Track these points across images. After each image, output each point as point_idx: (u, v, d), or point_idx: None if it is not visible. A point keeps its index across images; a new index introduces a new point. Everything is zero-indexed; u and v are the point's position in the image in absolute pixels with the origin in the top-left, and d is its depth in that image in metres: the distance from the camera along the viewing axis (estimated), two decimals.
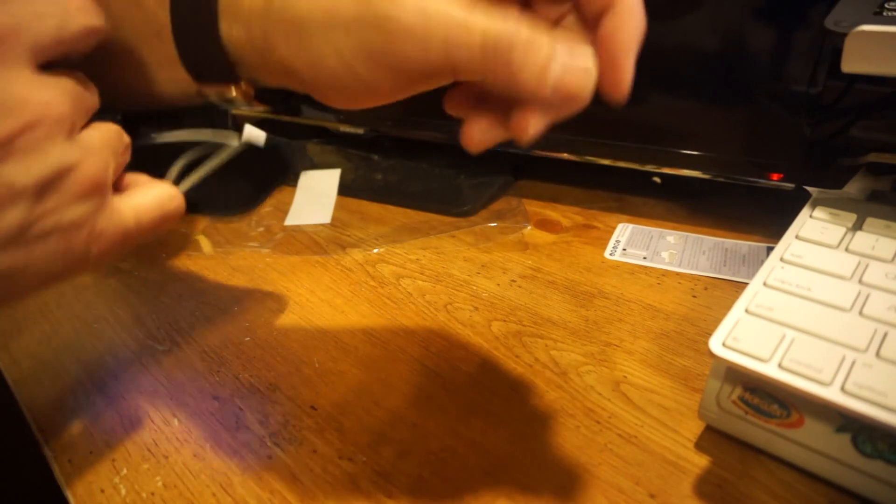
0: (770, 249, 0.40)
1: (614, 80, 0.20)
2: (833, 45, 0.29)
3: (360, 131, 0.56)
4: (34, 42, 0.19)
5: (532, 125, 0.20)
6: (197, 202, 0.50)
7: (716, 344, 0.25)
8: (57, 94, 0.19)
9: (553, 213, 0.48)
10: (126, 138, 0.23)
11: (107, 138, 0.22)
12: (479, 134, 0.22)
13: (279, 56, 0.21)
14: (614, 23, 0.20)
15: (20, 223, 0.19)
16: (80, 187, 0.20)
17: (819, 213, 0.32)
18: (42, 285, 0.21)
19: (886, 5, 0.29)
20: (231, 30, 0.22)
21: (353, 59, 0.20)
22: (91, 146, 0.21)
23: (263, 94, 0.25)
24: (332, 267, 0.42)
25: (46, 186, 0.19)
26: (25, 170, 0.18)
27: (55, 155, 0.19)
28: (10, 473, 0.34)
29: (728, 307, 0.27)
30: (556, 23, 0.22)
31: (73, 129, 0.20)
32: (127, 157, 0.23)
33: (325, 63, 0.21)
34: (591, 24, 0.21)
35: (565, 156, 0.48)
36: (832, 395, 0.22)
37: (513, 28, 0.18)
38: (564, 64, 0.18)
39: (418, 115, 0.53)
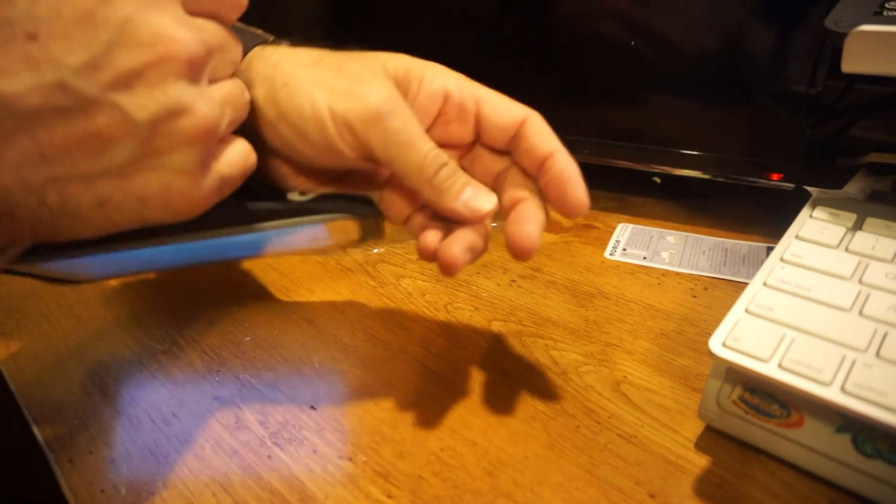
0: (770, 249, 0.40)
1: (575, 203, 0.26)
2: (833, 45, 0.29)
3: None
4: None
5: (455, 246, 0.25)
6: None
7: (716, 344, 0.25)
8: (193, 37, 0.19)
9: (553, 213, 0.48)
10: (247, 95, 0.23)
11: (228, 91, 0.22)
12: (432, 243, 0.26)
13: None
14: (558, 165, 0.26)
15: (129, 156, 0.19)
16: (190, 133, 0.20)
17: (819, 213, 0.32)
18: (135, 221, 0.21)
19: (886, 5, 0.29)
20: None
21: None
22: (211, 95, 0.21)
23: None
24: (332, 267, 0.42)
25: (159, 124, 0.19)
26: (144, 104, 0.19)
27: (174, 94, 0.19)
28: (9, 473, 0.34)
29: (728, 307, 0.27)
30: (497, 176, 0.28)
31: (200, 74, 0.20)
32: (244, 114, 0.23)
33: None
34: (532, 173, 0.27)
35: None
36: (832, 395, 0.22)
37: (447, 158, 0.25)
38: (475, 189, 0.25)
39: None
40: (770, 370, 0.23)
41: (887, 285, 0.26)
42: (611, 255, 0.42)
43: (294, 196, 0.28)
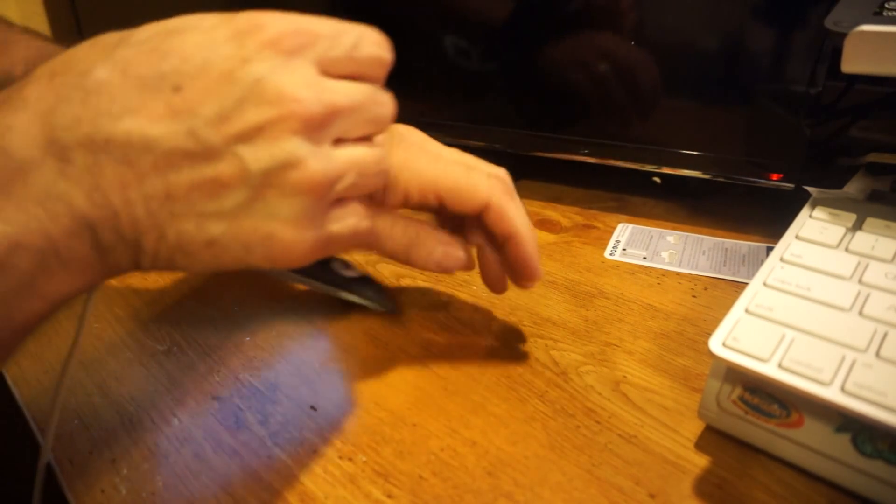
0: (770, 249, 0.40)
1: (529, 275, 0.30)
2: (833, 45, 0.29)
3: None
4: (326, 50, 0.21)
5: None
6: None
7: (716, 344, 0.25)
8: (316, 98, 0.21)
9: (553, 213, 0.48)
10: (383, 164, 0.24)
11: (356, 155, 0.23)
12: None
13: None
14: (517, 245, 0.29)
15: (240, 202, 0.20)
16: (298, 185, 0.21)
17: (819, 213, 0.32)
18: (238, 263, 0.22)
19: (886, 5, 0.29)
20: None
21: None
22: (330, 154, 0.21)
23: None
24: None
25: (271, 174, 0.20)
26: (260, 156, 0.20)
27: (288, 148, 0.20)
28: (9, 473, 0.34)
29: (728, 307, 0.27)
30: (474, 243, 0.31)
31: (319, 133, 0.21)
32: (378, 182, 0.24)
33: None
34: (499, 246, 0.30)
35: (565, 156, 0.48)
36: (832, 395, 0.22)
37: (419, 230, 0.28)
38: (445, 251, 0.29)
39: (418, 115, 0.53)
40: (770, 370, 0.23)
41: (887, 285, 0.26)
42: (611, 255, 0.42)
43: (338, 268, 0.37)
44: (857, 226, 0.30)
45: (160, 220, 0.20)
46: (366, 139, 0.23)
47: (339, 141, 0.22)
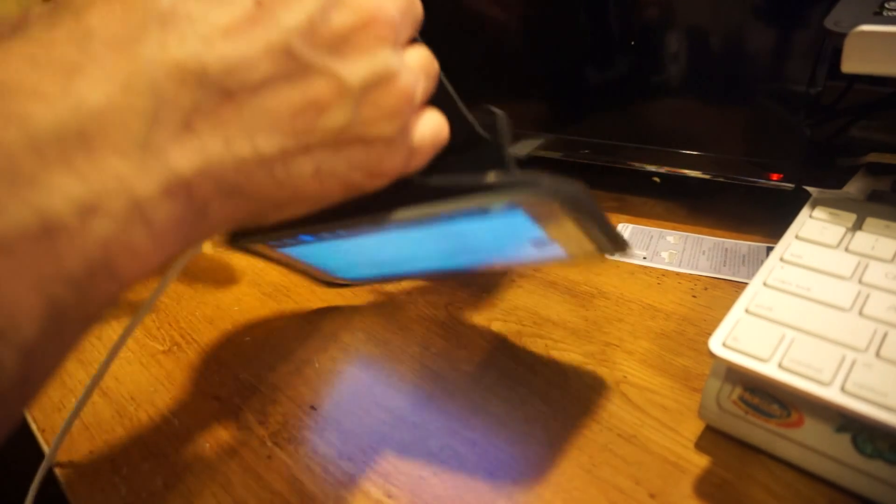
0: (770, 249, 0.40)
1: None
2: (833, 45, 0.29)
3: None
4: None
5: None
6: None
7: (716, 344, 0.25)
8: (389, 0, 0.19)
9: None
10: (436, 65, 0.22)
11: (421, 58, 0.21)
12: None
13: None
14: None
15: (342, 124, 0.18)
16: (395, 99, 0.19)
17: (819, 213, 0.32)
18: (342, 189, 0.20)
19: (886, 5, 0.29)
20: None
21: None
22: (409, 62, 0.20)
23: None
24: None
25: (369, 90, 0.19)
26: (356, 69, 0.18)
27: (382, 59, 0.19)
28: (9, 473, 0.34)
29: (728, 307, 0.27)
30: None
31: (398, 40, 0.20)
32: (433, 84, 0.22)
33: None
34: None
35: (565, 156, 0.48)
36: (832, 394, 0.22)
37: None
38: None
39: None
40: (770, 370, 0.23)
41: (887, 285, 0.26)
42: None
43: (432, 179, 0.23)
44: (857, 226, 0.30)
45: (267, 155, 0.18)
46: (414, 40, 0.22)
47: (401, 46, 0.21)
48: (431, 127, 0.22)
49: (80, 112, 0.15)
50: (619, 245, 0.24)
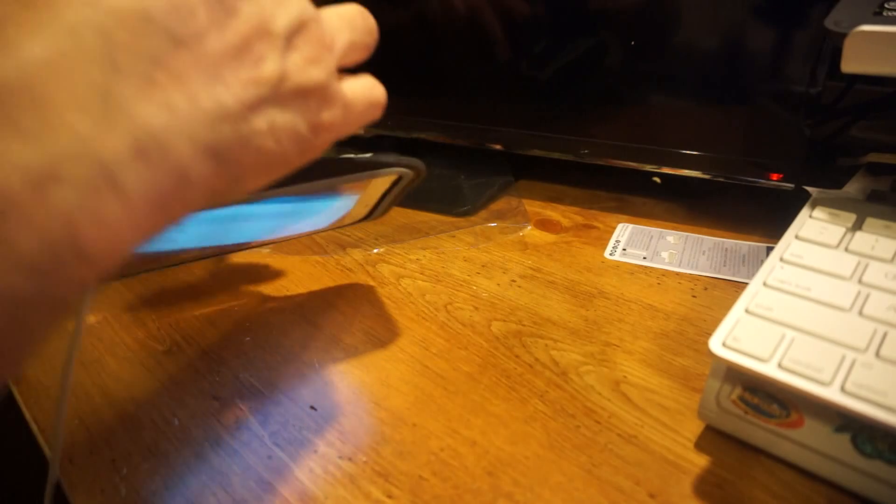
0: (770, 249, 0.40)
1: None
2: (833, 45, 0.29)
3: (360, 132, 0.56)
4: None
5: None
6: None
7: (716, 344, 0.25)
8: None
9: (553, 213, 0.48)
10: (371, 21, 0.22)
11: (344, 12, 0.21)
12: None
13: None
14: None
15: (277, 73, 0.18)
16: (316, 43, 0.19)
17: (819, 213, 0.32)
18: (293, 154, 0.20)
19: (886, 5, 0.29)
20: None
21: None
22: (327, 13, 0.21)
23: None
24: (332, 267, 0.42)
25: (292, 35, 0.18)
26: (278, 13, 0.18)
27: (296, 5, 0.19)
28: (10, 473, 0.34)
29: (728, 307, 0.27)
30: None
31: None
32: (369, 40, 0.23)
33: None
34: None
35: (565, 156, 0.48)
36: (832, 394, 0.22)
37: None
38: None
39: (418, 115, 0.53)
40: (770, 370, 0.23)
41: (887, 285, 0.26)
42: (611, 255, 0.42)
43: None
44: (857, 226, 0.30)
45: (228, 109, 0.17)
46: None
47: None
48: (363, 83, 0.23)
49: (22, 63, 0.13)
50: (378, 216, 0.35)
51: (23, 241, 0.13)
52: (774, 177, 0.42)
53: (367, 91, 0.23)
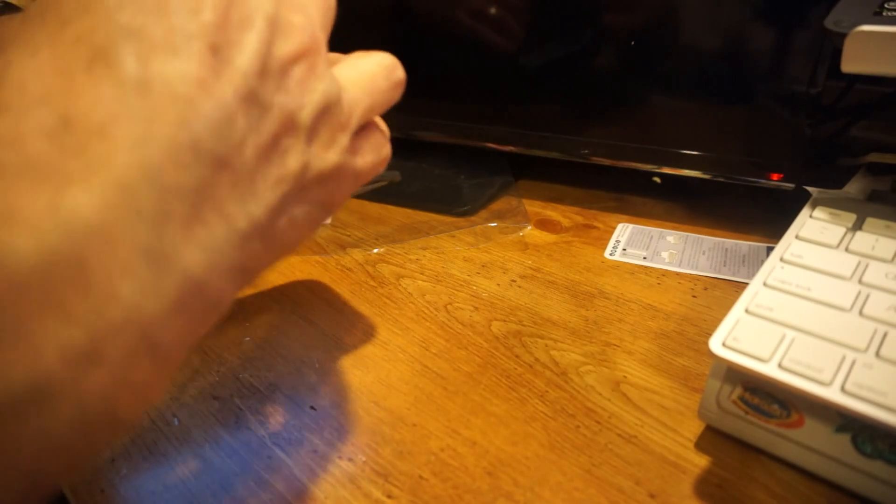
0: (770, 249, 0.40)
1: None
2: (833, 45, 0.29)
3: None
4: None
5: None
6: None
7: (716, 344, 0.25)
8: (318, 17, 0.17)
9: (553, 213, 0.48)
10: (397, 75, 0.21)
11: (367, 77, 0.20)
12: None
13: None
14: None
15: (300, 166, 0.17)
16: (336, 126, 0.18)
17: (819, 213, 0.32)
18: (306, 237, 0.19)
19: (886, 5, 0.29)
20: None
21: None
22: (349, 79, 0.19)
23: None
24: (332, 267, 0.42)
25: (317, 123, 0.17)
26: (306, 101, 0.17)
27: (323, 86, 0.17)
28: None
29: (728, 307, 0.27)
30: None
31: (327, 58, 0.18)
32: (392, 97, 0.21)
33: None
34: None
35: (565, 156, 0.48)
36: (832, 394, 0.22)
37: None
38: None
39: (418, 115, 0.53)
40: (770, 370, 0.23)
41: (887, 285, 0.26)
42: (611, 255, 0.42)
43: None
44: (858, 226, 0.30)
45: (258, 221, 0.16)
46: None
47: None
48: (373, 147, 0.21)
49: (71, 230, 0.12)
50: None
51: (58, 426, 0.12)
52: (775, 177, 0.41)
53: (375, 155, 0.22)
